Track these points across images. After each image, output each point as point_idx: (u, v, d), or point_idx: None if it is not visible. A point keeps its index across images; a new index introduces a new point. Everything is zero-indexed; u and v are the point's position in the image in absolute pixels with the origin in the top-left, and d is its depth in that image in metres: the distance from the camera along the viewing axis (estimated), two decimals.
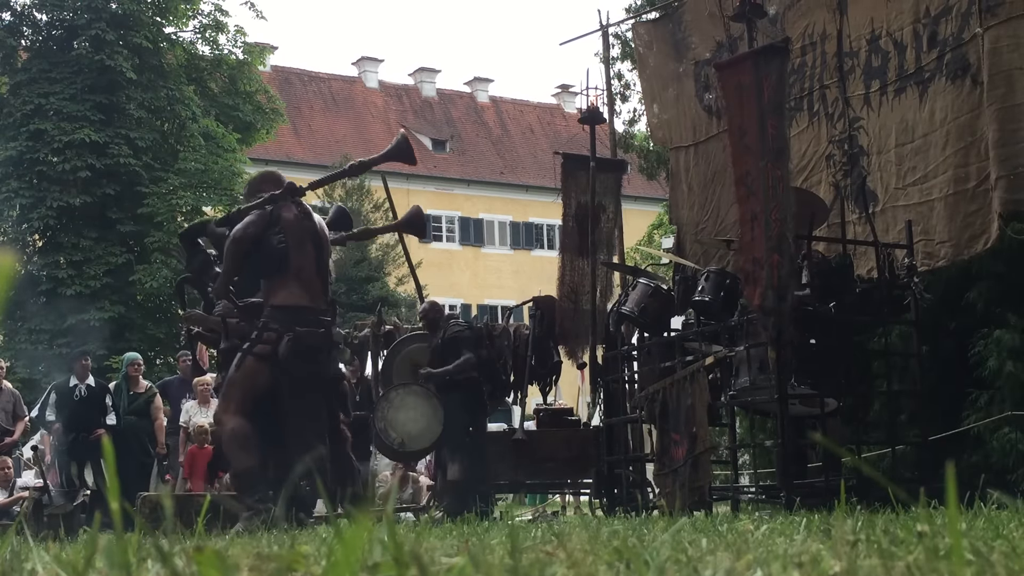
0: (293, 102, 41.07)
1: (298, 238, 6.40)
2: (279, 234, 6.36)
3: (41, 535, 6.09)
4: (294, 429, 6.35)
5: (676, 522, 3.24)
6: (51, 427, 11.29)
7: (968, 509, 3.38)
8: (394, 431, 8.63)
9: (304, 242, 6.43)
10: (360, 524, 1.18)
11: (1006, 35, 7.37)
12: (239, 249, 6.32)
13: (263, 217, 6.35)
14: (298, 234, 6.41)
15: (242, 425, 6.27)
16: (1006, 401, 8.26)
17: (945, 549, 1.65)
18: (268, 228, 6.35)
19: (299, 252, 6.38)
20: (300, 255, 6.39)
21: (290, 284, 6.36)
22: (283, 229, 6.37)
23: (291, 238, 6.38)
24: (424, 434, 8.74)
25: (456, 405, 8.86)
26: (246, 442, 6.25)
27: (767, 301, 6.45)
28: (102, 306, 22.12)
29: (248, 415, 6.32)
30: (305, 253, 6.41)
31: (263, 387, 6.33)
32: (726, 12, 9.32)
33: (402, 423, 8.68)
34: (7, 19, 23.75)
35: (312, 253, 6.46)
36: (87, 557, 1.49)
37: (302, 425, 6.33)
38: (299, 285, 6.37)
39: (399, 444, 8.71)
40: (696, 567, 1.63)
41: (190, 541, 2.34)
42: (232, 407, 6.37)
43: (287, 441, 6.36)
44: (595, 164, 9.45)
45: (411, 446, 8.81)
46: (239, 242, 6.33)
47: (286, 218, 6.39)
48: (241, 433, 6.27)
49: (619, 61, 17.81)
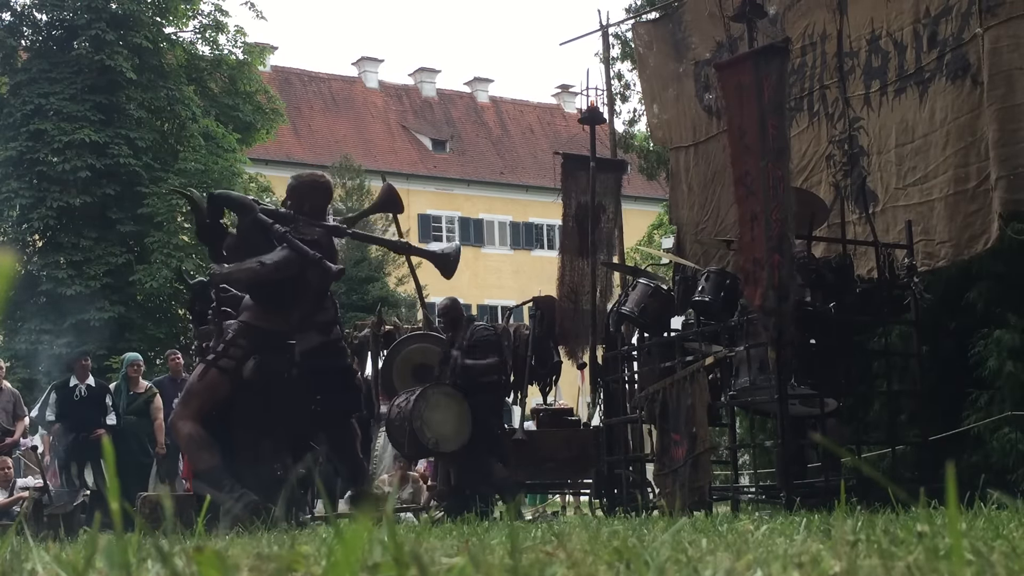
0: (293, 102, 41.07)
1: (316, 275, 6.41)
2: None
3: (41, 535, 6.10)
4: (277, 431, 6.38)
5: (676, 522, 3.24)
6: (51, 427, 11.29)
7: (968, 509, 3.38)
8: (429, 431, 8.59)
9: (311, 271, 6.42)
10: (360, 524, 1.18)
11: (1006, 35, 7.37)
12: (261, 281, 6.30)
13: (297, 263, 6.26)
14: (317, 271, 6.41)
15: (197, 429, 6.34)
16: (1006, 401, 8.26)
17: (945, 549, 1.65)
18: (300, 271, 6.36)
19: (301, 280, 6.39)
20: (302, 283, 6.39)
21: (274, 313, 6.37)
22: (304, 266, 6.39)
23: (309, 273, 6.39)
24: (454, 437, 8.69)
25: (485, 408, 8.90)
26: (204, 442, 6.31)
27: (767, 301, 6.45)
28: (102, 306, 22.12)
29: (202, 423, 6.39)
30: (306, 280, 6.41)
31: (221, 400, 6.42)
32: (726, 12, 9.32)
33: (437, 423, 8.65)
34: (7, 19, 23.75)
35: (315, 278, 6.44)
36: (87, 557, 1.49)
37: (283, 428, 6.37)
38: (282, 316, 6.40)
39: (433, 444, 8.66)
40: (696, 567, 1.63)
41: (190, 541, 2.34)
42: (189, 414, 6.43)
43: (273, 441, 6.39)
44: (595, 164, 9.45)
45: (443, 447, 8.76)
46: (265, 277, 6.27)
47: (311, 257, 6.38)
48: (198, 435, 6.32)
49: (619, 61, 17.82)
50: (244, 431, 6.43)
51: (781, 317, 6.45)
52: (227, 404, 6.41)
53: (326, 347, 7.05)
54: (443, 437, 8.61)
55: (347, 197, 37.89)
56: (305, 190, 6.83)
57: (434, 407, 8.60)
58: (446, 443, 8.65)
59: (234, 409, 6.44)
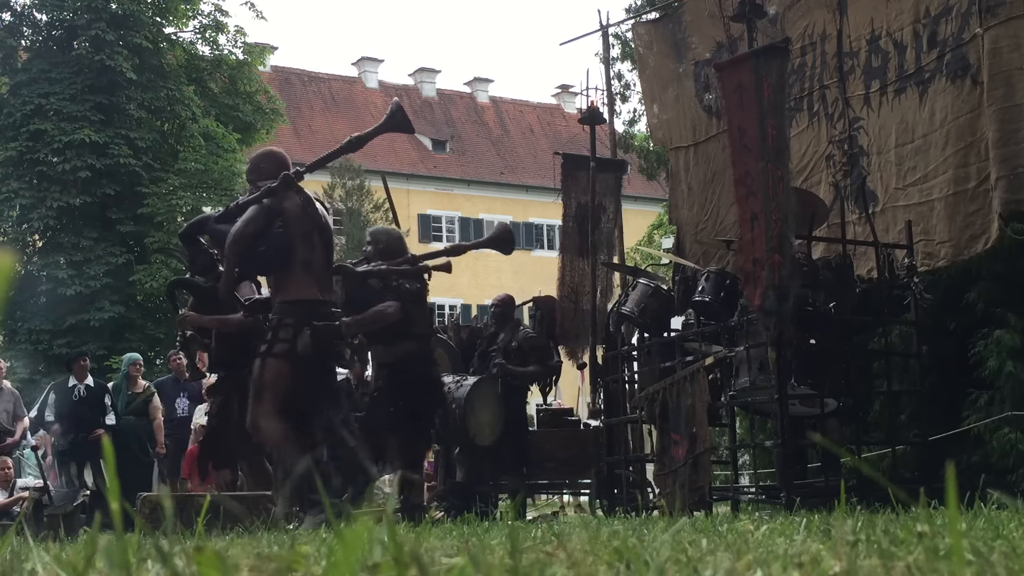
0: (293, 102, 41.09)
1: (303, 229, 6.10)
2: (282, 227, 6.08)
3: (41, 535, 6.10)
4: (320, 423, 6.18)
5: (676, 522, 3.24)
6: (50, 427, 11.29)
7: (968, 509, 3.38)
8: (475, 421, 8.59)
9: (310, 233, 6.12)
10: (360, 524, 1.18)
11: (1006, 35, 7.37)
12: (240, 249, 6.08)
13: (262, 212, 6.08)
14: (303, 225, 6.09)
15: (282, 427, 6.08)
16: (1006, 401, 8.26)
17: (945, 549, 1.65)
18: (269, 222, 6.10)
19: (305, 244, 6.07)
20: (306, 247, 6.07)
21: (299, 277, 6.08)
22: (286, 221, 6.11)
23: (295, 229, 6.09)
24: (488, 432, 8.70)
25: (520, 409, 8.98)
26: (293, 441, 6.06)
27: (767, 301, 6.45)
28: (102, 306, 22.12)
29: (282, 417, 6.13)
30: (311, 245, 6.13)
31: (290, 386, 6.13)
32: (726, 12, 9.32)
33: (479, 415, 8.66)
34: (7, 19, 23.75)
35: (319, 244, 6.19)
36: (87, 557, 1.49)
37: (328, 418, 6.17)
38: (308, 278, 6.07)
39: (472, 435, 8.66)
40: (696, 567, 1.63)
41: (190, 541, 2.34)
42: (267, 410, 6.15)
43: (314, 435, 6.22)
44: (595, 164, 9.44)
45: (479, 440, 8.77)
46: (239, 242, 6.06)
47: (289, 209, 6.08)
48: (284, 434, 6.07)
49: (619, 61, 17.84)
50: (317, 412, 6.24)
51: (781, 317, 6.45)
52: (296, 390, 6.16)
53: (418, 357, 7.21)
54: (480, 429, 8.64)
55: (347, 197, 37.90)
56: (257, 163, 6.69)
57: (479, 398, 8.63)
58: (481, 436, 8.68)
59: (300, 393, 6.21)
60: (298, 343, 5.96)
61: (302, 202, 6.12)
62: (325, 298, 6.22)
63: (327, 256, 6.25)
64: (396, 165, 42.21)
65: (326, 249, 6.23)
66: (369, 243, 7.55)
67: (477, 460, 8.98)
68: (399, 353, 7.11)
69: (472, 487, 8.84)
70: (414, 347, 7.16)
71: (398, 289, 7.07)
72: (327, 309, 6.17)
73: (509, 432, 8.82)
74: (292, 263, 6.05)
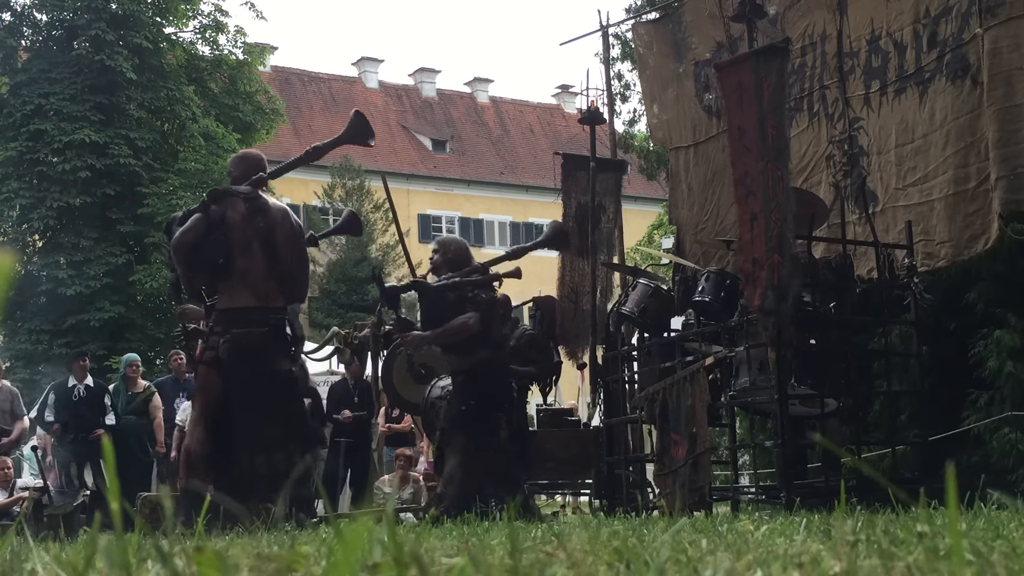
0: (293, 102, 41.10)
1: (244, 239, 6.14)
2: (223, 236, 6.11)
3: (41, 535, 6.09)
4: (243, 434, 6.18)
5: (676, 522, 3.24)
6: (50, 427, 11.29)
7: (968, 509, 3.38)
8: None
9: (250, 242, 6.16)
10: (360, 524, 1.18)
11: (1006, 35, 7.37)
12: (182, 256, 6.17)
13: (200, 222, 6.09)
14: (244, 234, 6.15)
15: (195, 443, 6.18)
16: (1006, 401, 8.26)
17: (945, 549, 1.65)
18: (209, 231, 6.10)
19: (244, 253, 6.13)
20: (245, 256, 6.13)
21: (235, 287, 6.15)
22: (227, 230, 6.10)
23: (235, 239, 6.13)
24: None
25: (522, 408, 8.97)
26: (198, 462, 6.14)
27: (767, 301, 6.45)
28: (102, 306, 22.14)
29: (209, 428, 6.22)
30: (252, 254, 6.16)
31: (218, 395, 6.21)
32: (726, 12, 9.32)
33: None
34: (7, 19, 23.77)
35: (260, 253, 6.19)
36: (87, 557, 1.49)
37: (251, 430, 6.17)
38: (244, 287, 6.14)
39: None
40: (696, 567, 1.63)
41: (190, 541, 2.34)
42: (194, 418, 6.35)
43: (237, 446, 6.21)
44: (595, 164, 9.44)
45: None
46: (179, 250, 6.15)
47: (230, 218, 6.13)
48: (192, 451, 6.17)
49: (619, 61, 17.84)
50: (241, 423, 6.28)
51: (780, 317, 6.45)
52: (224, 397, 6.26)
53: (493, 363, 7.32)
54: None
55: (347, 198, 37.91)
56: (231, 169, 6.77)
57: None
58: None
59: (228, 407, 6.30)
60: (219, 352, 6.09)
61: (247, 211, 6.15)
62: (269, 304, 6.20)
63: (272, 262, 6.20)
64: (396, 165, 42.22)
65: (270, 256, 6.19)
66: (436, 252, 7.66)
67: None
68: (474, 361, 7.24)
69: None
70: (489, 354, 7.30)
71: (475, 300, 7.21)
72: (261, 315, 6.17)
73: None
74: (231, 273, 6.11)
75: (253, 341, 6.11)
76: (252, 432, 6.12)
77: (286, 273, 6.24)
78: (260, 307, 6.16)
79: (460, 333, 7.12)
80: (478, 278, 7.34)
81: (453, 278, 7.33)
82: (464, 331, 7.11)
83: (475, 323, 7.12)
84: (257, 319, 6.14)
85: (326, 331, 15.27)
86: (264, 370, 6.16)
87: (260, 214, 6.17)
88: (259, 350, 6.14)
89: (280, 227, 6.22)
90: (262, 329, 6.14)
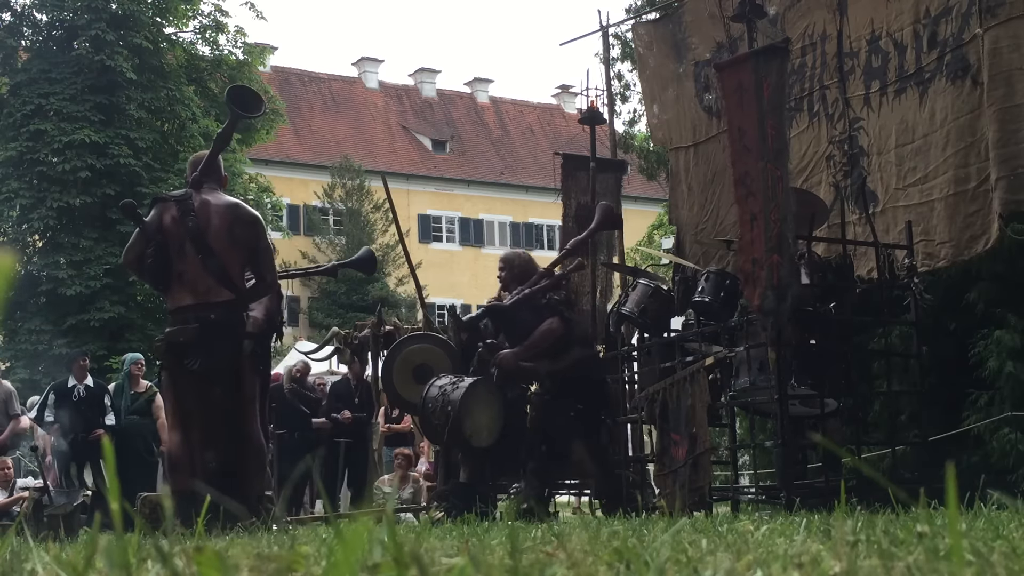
0: (293, 102, 41.09)
1: (177, 241, 6.26)
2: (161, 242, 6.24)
3: (41, 535, 6.09)
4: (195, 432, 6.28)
5: (676, 522, 3.24)
6: (50, 428, 11.29)
7: (968, 510, 3.38)
8: (472, 423, 8.55)
9: (182, 243, 6.25)
10: (360, 524, 1.18)
11: (1006, 36, 7.37)
12: (133, 271, 6.52)
13: (139, 237, 6.25)
14: (176, 237, 6.26)
15: (176, 446, 6.24)
16: (1006, 402, 8.26)
17: (945, 550, 1.65)
18: (148, 243, 6.21)
19: (179, 256, 6.24)
20: (180, 259, 6.25)
21: (175, 289, 6.28)
22: (165, 236, 6.23)
23: (171, 244, 6.25)
24: (486, 434, 8.66)
25: (520, 409, 8.94)
26: (179, 465, 6.20)
27: (766, 302, 6.46)
28: (102, 306, 22.14)
29: (181, 428, 6.30)
30: (184, 255, 6.25)
31: (179, 396, 6.33)
32: (726, 12, 9.32)
33: (475, 417, 8.61)
34: (7, 19, 23.77)
35: (192, 252, 6.26)
36: (87, 557, 1.49)
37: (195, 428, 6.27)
38: (181, 288, 6.25)
39: (468, 437, 8.61)
40: (696, 567, 1.63)
41: (190, 541, 2.34)
42: (170, 423, 6.44)
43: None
44: (595, 164, 9.44)
45: (476, 442, 8.73)
46: (127, 267, 6.59)
47: (165, 223, 6.25)
48: (174, 456, 6.24)
49: (619, 61, 17.83)
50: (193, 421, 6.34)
51: (780, 317, 6.45)
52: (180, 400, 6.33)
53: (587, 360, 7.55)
54: (478, 432, 8.60)
55: (347, 198, 37.91)
56: (188, 167, 6.84)
57: (479, 401, 8.59)
58: (479, 439, 8.65)
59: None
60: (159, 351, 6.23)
61: (179, 213, 6.22)
62: (209, 300, 6.23)
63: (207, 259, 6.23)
64: (396, 165, 42.21)
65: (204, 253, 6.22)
66: (503, 269, 7.90)
67: (480, 460, 8.97)
68: (569, 361, 7.46)
69: (475, 487, 8.83)
70: (580, 352, 7.52)
71: (550, 304, 7.43)
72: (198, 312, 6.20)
73: (508, 433, 8.78)
74: (170, 278, 6.21)
75: (186, 337, 6.15)
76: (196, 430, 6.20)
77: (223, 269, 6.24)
78: (198, 304, 6.20)
79: (547, 339, 7.35)
80: (546, 283, 7.55)
81: (523, 291, 7.55)
82: (550, 336, 7.34)
83: (557, 326, 7.34)
84: (192, 317, 6.18)
85: (326, 331, 15.28)
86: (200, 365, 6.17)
87: (189, 214, 6.21)
88: (190, 346, 6.16)
89: (212, 223, 6.24)
90: (192, 326, 6.17)
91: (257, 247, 6.39)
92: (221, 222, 6.24)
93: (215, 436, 6.13)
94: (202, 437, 6.11)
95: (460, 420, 8.47)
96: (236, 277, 6.30)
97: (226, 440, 6.15)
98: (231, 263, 6.25)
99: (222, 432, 6.14)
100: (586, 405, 7.52)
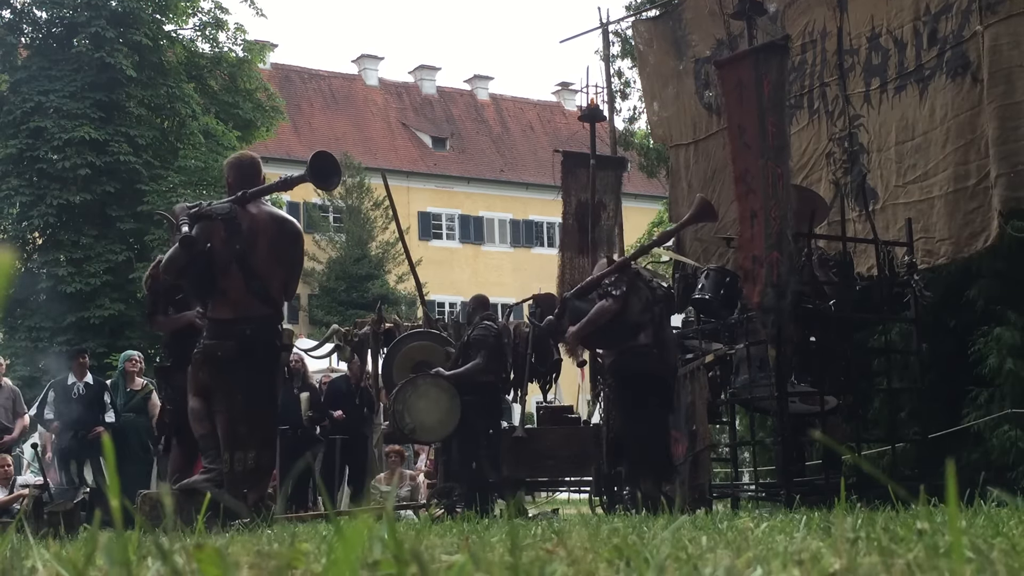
0: (293, 100, 41.05)
1: (223, 262, 6.26)
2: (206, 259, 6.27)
3: (41, 533, 6.09)
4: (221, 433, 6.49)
5: (676, 520, 3.24)
6: (50, 425, 11.29)
7: (968, 507, 3.38)
8: (409, 416, 8.67)
9: (228, 264, 6.24)
10: (360, 522, 1.18)
11: (1006, 33, 7.37)
12: (169, 274, 6.51)
13: (180, 252, 6.16)
14: (223, 257, 6.24)
15: (196, 401, 6.38)
16: (1006, 399, 8.26)
17: (945, 547, 1.65)
18: (192, 260, 6.18)
19: (224, 274, 6.23)
20: (225, 276, 6.24)
21: (218, 301, 6.31)
22: (210, 254, 6.20)
23: (216, 261, 6.27)
24: (436, 428, 8.78)
25: (472, 408, 8.85)
26: (198, 413, 6.35)
27: (766, 299, 6.46)
28: (102, 304, 22.13)
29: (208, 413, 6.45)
30: (229, 274, 6.24)
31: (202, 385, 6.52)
32: (726, 10, 9.32)
33: (419, 411, 8.73)
34: (7, 16, 23.74)
35: (237, 273, 6.29)
36: (87, 555, 1.49)
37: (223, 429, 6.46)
38: (225, 301, 6.28)
39: (410, 430, 8.78)
40: (696, 565, 1.63)
41: (190, 538, 2.34)
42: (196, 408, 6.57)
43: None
44: (595, 162, 9.44)
45: (420, 435, 8.92)
46: (167, 269, 6.42)
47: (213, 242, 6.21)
48: (194, 407, 6.38)
49: (619, 59, 17.81)
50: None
51: (780, 315, 6.46)
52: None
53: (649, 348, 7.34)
54: (423, 426, 8.71)
55: (347, 195, 37.87)
56: (228, 169, 6.73)
57: (422, 395, 8.70)
58: (425, 433, 8.81)
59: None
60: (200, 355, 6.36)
61: (226, 234, 6.24)
62: (249, 314, 6.36)
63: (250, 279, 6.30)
64: (396, 163, 42.19)
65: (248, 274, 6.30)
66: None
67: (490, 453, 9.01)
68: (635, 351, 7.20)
69: (487, 477, 8.89)
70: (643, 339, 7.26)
71: (603, 292, 7.33)
72: (235, 327, 6.35)
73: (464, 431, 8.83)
74: (213, 292, 6.31)
75: (225, 352, 6.26)
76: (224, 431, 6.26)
77: (265, 289, 6.32)
78: (238, 318, 6.27)
79: (601, 317, 7.19)
80: (606, 270, 7.46)
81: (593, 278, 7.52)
82: (603, 314, 7.19)
83: (611, 304, 7.19)
84: (229, 332, 6.27)
85: (326, 329, 15.28)
86: (231, 376, 6.26)
87: (237, 235, 6.21)
88: (225, 361, 6.28)
89: (259, 244, 6.26)
90: (230, 343, 6.27)
91: (294, 261, 6.49)
92: (266, 242, 6.28)
93: (240, 438, 6.18)
94: (227, 439, 6.17)
95: (397, 415, 8.70)
96: (276, 292, 6.38)
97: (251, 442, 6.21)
98: (272, 280, 6.33)
99: (249, 435, 6.20)
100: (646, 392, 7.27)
